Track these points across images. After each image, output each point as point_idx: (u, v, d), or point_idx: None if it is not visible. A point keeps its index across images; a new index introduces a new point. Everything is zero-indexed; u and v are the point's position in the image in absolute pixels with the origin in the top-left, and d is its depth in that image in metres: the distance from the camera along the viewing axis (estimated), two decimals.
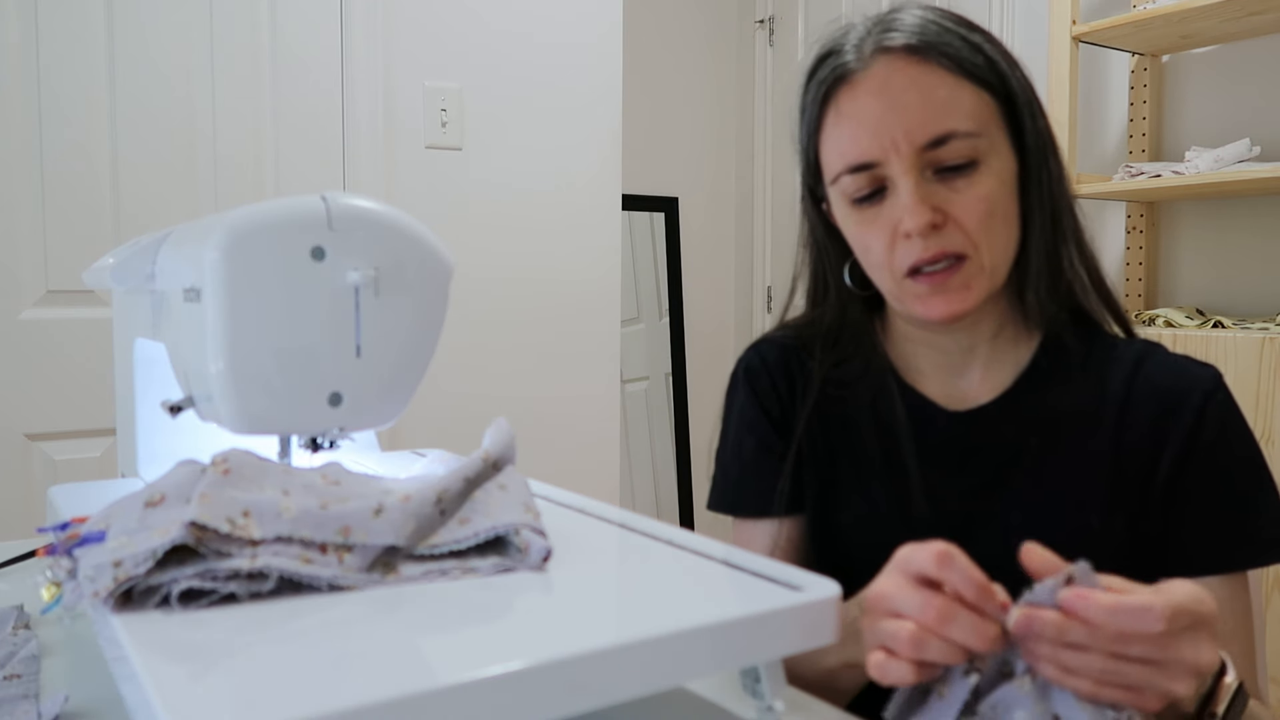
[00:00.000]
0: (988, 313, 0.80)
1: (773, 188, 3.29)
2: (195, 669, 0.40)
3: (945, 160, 0.73)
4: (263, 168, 1.84)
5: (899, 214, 0.73)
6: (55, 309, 1.66)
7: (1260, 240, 2.06)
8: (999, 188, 0.74)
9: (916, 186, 0.72)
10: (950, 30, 0.75)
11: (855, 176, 0.75)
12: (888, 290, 0.79)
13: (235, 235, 0.59)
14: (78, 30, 1.66)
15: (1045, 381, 0.80)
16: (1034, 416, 0.79)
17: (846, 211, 0.78)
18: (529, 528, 0.55)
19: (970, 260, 0.74)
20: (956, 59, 0.74)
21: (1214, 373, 0.78)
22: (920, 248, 0.73)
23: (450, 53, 2.00)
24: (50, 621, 0.71)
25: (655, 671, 0.44)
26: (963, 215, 0.73)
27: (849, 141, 0.75)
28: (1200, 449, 0.76)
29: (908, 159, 0.72)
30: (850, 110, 0.75)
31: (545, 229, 2.13)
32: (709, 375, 3.35)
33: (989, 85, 0.75)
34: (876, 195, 0.75)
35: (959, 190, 0.73)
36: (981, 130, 0.73)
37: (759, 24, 3.30)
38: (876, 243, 0.76)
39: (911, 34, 0.74)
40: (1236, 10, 1.84)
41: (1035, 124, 0.77)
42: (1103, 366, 0.80)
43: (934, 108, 0.72)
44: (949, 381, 0.83)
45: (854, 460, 0.83)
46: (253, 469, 0.55)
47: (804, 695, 0.64)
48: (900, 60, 0.74)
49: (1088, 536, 0.76)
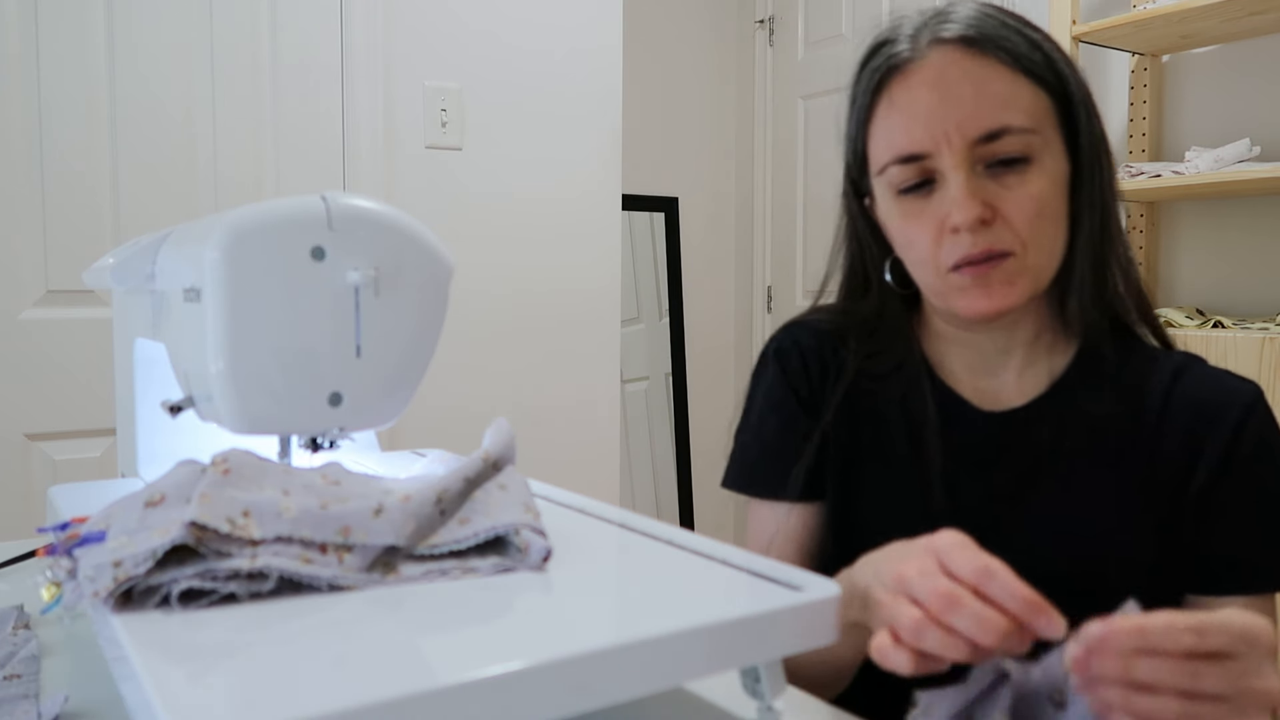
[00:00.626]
0: (1027, 315, 0.79)
1: (773, 188, 3.28)
2: (195, 669, 0.40)
3: (998, 155, 0.71)
4: (263, 168, 1.83)
5: (947, 207, 0.72)
6: (55, 309, 1.66)
7: (1260, 240, 2.06)
8: (1050, 187, 0.73)
9: (967, 180, 0.71)
10: (1009, 25, 0.74)
11: (904, 167, 0.74)
12: (929, 286, 0.77)
13: (235, 235, 0.59)
14: (78, 31, 1.66)
15: (1080, 388, 0.78)
16: (1067, 422, 0.78)
17: (891, 204, 0.77)
18: (529, 528, 0.55)
19: (1016, 258, 0.72)
20: (1014, 54, 0.72)
21: (1254, 388, 0.77)
22: (968, 243, 0.71)
23: (450, 53, 2.00)
24: (50, 621, 0.71)
25: (655, 671, 0.44)
26: (1012, 212, 0.71)
27: (900, 131, 0.73)
28: (1236, 464, 0.74)
29: (959, 152, 0.71)
30: (903, 100, 0.73)
31: (545, 229, 2.13)
32: (709, 375, 3.35)
33: (1046, 83, 0.73)
34: (924, 187, 0.74)
35: (1010, 187, 0.72)
36: (1036, 127, 0.72)
37: (759, 24, 3.30)
38: (922, 236, 0.74)
39: (969, 26, 0.73)
40: (1236, 10, 1.84)
41: (1091, 126, 0.75)
42: (1140, 377, 0.78)
43: (989, 101, 0.71)
44: (982, 382, 0.81)
45: (880, 453, 0.82)
46: (253, 469, 0.55)
47: (804, 695, 0.64)
48: (957, 52, 0.72)
49: (1115, 545, 0.75)
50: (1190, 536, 0.75)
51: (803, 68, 3.16)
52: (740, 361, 3.40)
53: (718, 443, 3.37)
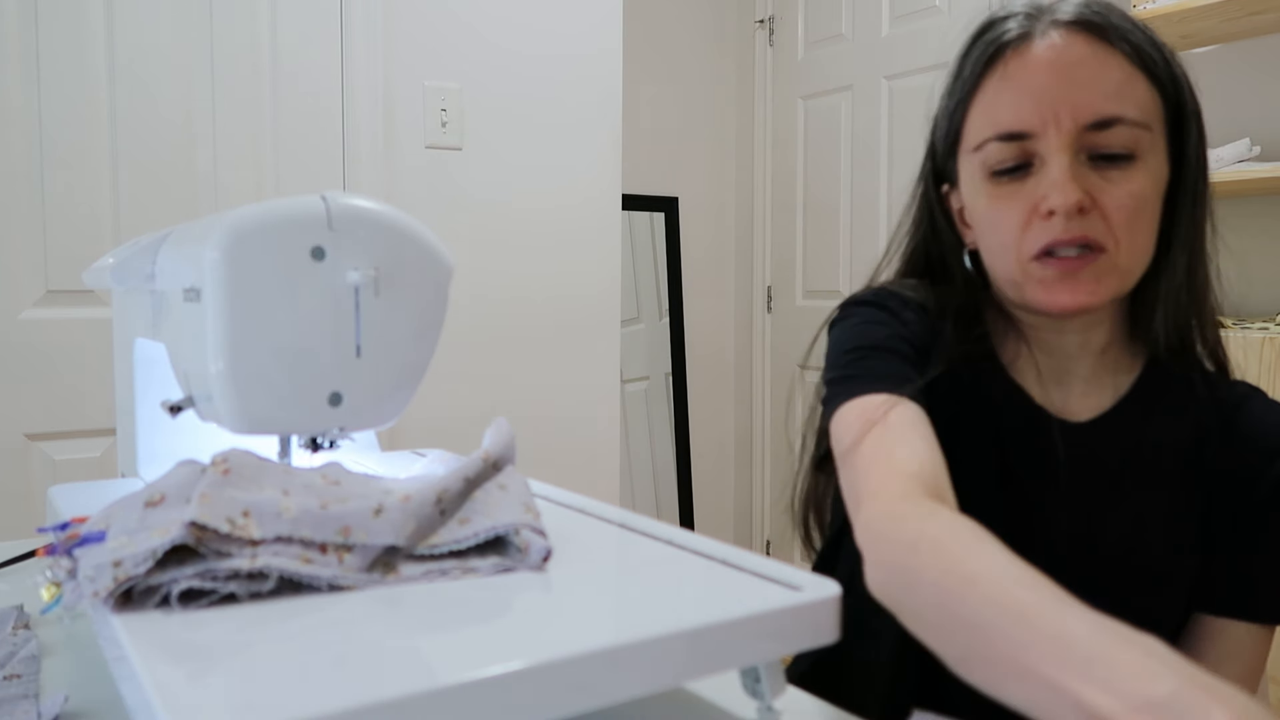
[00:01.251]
0: (1103, 321, 0.77)
1: (773, 188, 3.28)
2: (195, 669, 0.40)
3: (1104, 146, 0.69)
4: (263, 168, 1.84)
5: (1044, 190, 0.69)
6: (55, 309, 1.66)
7: (1260, 240, 2.06)
8: (1151, 189, 0.70)
9: (1071, 165, 0.69)
10: (1129, 20, 0.72)
11: (1004, 145, 0.71)
12: (1007, 275, 0.74)
13: (235, 235, 0.59)
14: (78, 31, 1.66)
15: (1147, 409, 0.77)
16: (1133, 443, 0.77)
17: (980, 185, 0.74)
18: (529, 528, 0.55)
19: (1107, 254, 0.69)
20: (1136, 47, 0.70)
21: None
22: (1060, 228, 0.69)
23: (450, 53, 2.00)
24: (50, 621, 0.71)
25: (655, 671, 0.44)
26: (1111, 206, 0.69)
27: (1008, 107, 0.71)
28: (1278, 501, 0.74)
29: (1068, 134, 0.69)
30: (1018, 74, 0.71)
31: (545, 229, 2.13)
32: (709, 375, 3.35)
33: (1162, 85, 0.71)
34: (1019, 171, 0.71)
35: (1112, 180, 0.69)
36: (1148, 124, 0.70)
37: (759, 24, 3.30)
38: (1009, 220, 0.72)
39: (1093, 13, 0.71)
40: (1236, 10, 1.84)
41: (1200, 139, 0.74)
42: (1203, 404, 0.77)
43: (1106, 88, 0.69)
44: (1050, 390, 0.79)
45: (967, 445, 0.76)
46: (253, 469, 0.55)
47: (804, 695, 0.64)
48: (1079, 35, 0.70)
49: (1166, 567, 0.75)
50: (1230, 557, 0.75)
51: (803, 68, 3.16)
52: (740, 361, 3.40)
53: (718, 443, 3.38)
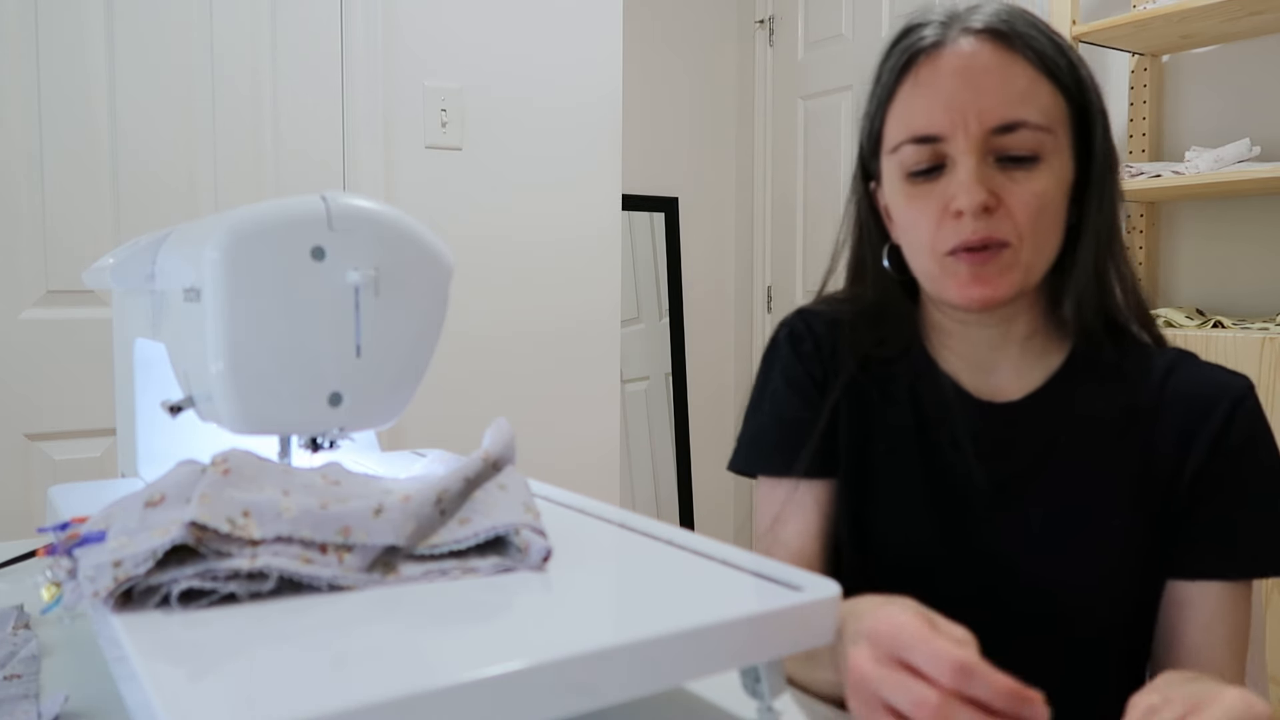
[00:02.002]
0: (1022, 313, 0.81)
1: (773, 188, 3.28)
2: (195, 669, 0.40)
3: (1010, 149, 0.73)
4: (263, 168, 1.84)
5: (953, 190, 0.74)
6: (55, 309, 1.66)
7: (1260, 240, 2.06)
8: (1055, 188, 0.75)
9: (977, 167, 0.73)
10: (1037, 27, 0.76)
11: (917, 148, 0.75)
12: (925, 271, 0.78)
13: (235, 235, 0.59)
14: (78, 30, 1.66)
15: (1076, 384, 0.80)
16: (1063, 417, 0.79)
17: (898, 185, 0.78)
18: (529, 528, 0.55)
19: (1012, 249, 0.74)
20: (1040, 54, 0.74)
21: (1244, 381, 0.78)
22: (969, 229, 0.73)
23: (450, 53, 2.00)
24: (50, 621, 0.71)
25: (655, 671, 0.44)
26: (1016, 206, 0.73)
27: (920, 111, 0.75)
28: (1223, 454, 0.76)
29: (975, 138, 0.73)
30: (929, 81, 0.75)
31: (545, 229, 2.13)
32: (709, 375, 3.35)
33: (1066, 88, 0.75)
34: (933, 172, 0.76)
35: (1017, 181, 0.73)
36: (1051, 127, 0.74)
37: (759, 24, 3.30)
38: (924, 219, 0.76)
39: (1001, 21, 0.75)
40: (1236, 10, 1.84)
41: (1105, 136, 0.78)
42: (1134, 374, 0.80)
43: (1011, 94, 0.73)
44: (978, 376, 0.83)
45: (888, 436, 0.84)
46: (253, 469, 0.55)
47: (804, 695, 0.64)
48: (986, 43, 0.74)
49: (1109, 539, 0.76)
50: (1179, 525, 0.77)
51: (803, 68, 3.16)
52: (740, 361, 3.40)
53: (718, 443, 3.37)
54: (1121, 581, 0.77)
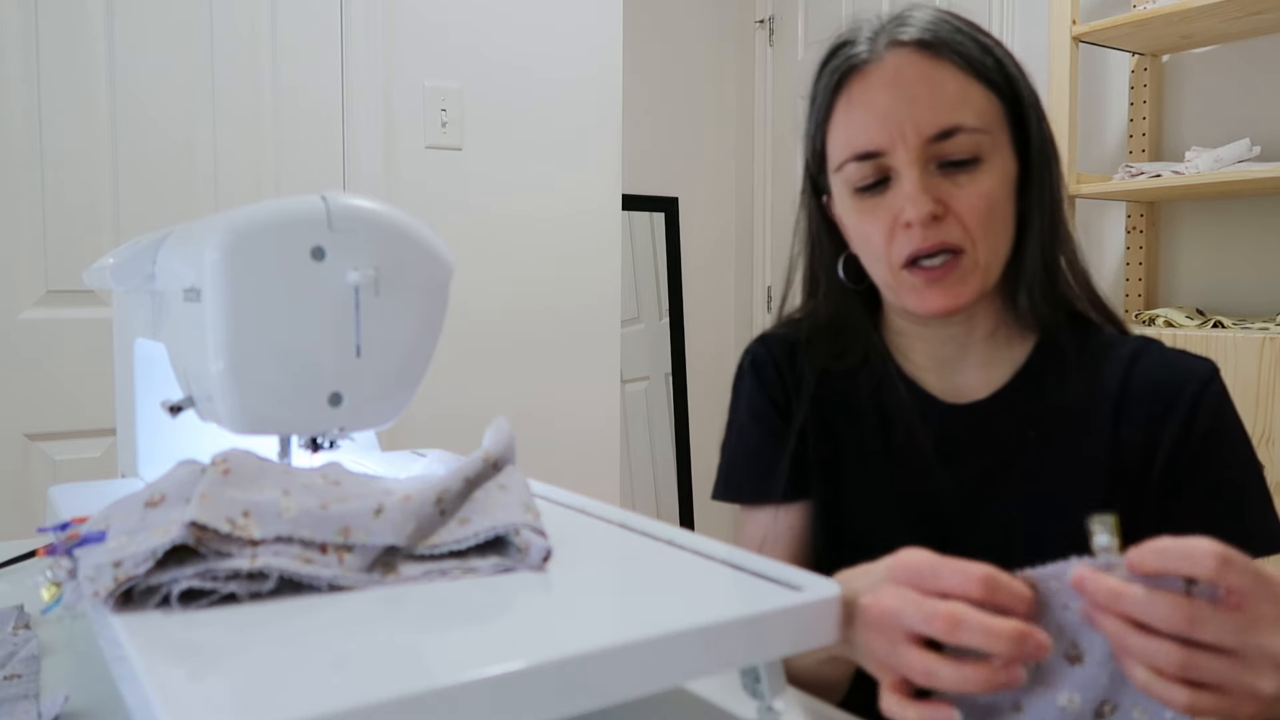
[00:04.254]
0: (982, 312, 0.81)
1: (773, 188, 3.29)
2: (195, 669, 0.40)
3: (950, 154, 0.74)
4: (263, 168, 1.83)
5: (901, 203, 0.74)
6: (55, 309, 1.66)
7: (1260, 240, 2.06)
8: (1000, 187, 0.75)
9: (921, 177, 0.74)
10: (962, 31, 0.77)
11: (861, 164, 0.76)
12: (883, 282, 0.80)
13: (235, 235, 0.59)
14: (78, 31, 1.66)
15: (1042, 379, 0.81)
16: (1030, 413, 0.80)
17: (848, 201, 0.79)
18: (529, 528, 0.55)
19: (966, 255, 0.75)
20: (967, 58, 0.75)
21: (1210, 365, 0.79)
22: (919, 238, 0.74)
23: (450, 53, 2.00)
24: (50, 621, 0.71)
25: (655, 671, 0.44)
26: (963, 210, 0.74)
27: (858, 129, 0.76)
28: (1193, 440, 0.76)
29: (914, 149, 0.74)
30: (861, 99, 0.76)
31: (545, 229, 2.13)
32: (709, 375, 3.35)
33: (996, 87, 0.76)
34: (879, 186, 0.76)
35: (961, 185, 0.74)
36: (987, 128, 0.75)
37: (759, 24, 3.30)
38: (876, 232, 0.77)
39: (925, 30, 0.76)
40: (1236, 10, 1.84)
41: (1040, 129, 0.79)
42: (1099, 364, 0.80)
43: (943, 101, 0.74)
44: (945, 377, 0.84)
45: (857, 449, 0.85)
46: (253, 469, 0.55)
47: (804, 695, 0.64)
48: (913, 54, 0.75)
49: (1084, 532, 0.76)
50: (1154, 516, 0.77)
51: (803, 68, 3.16)
52: None
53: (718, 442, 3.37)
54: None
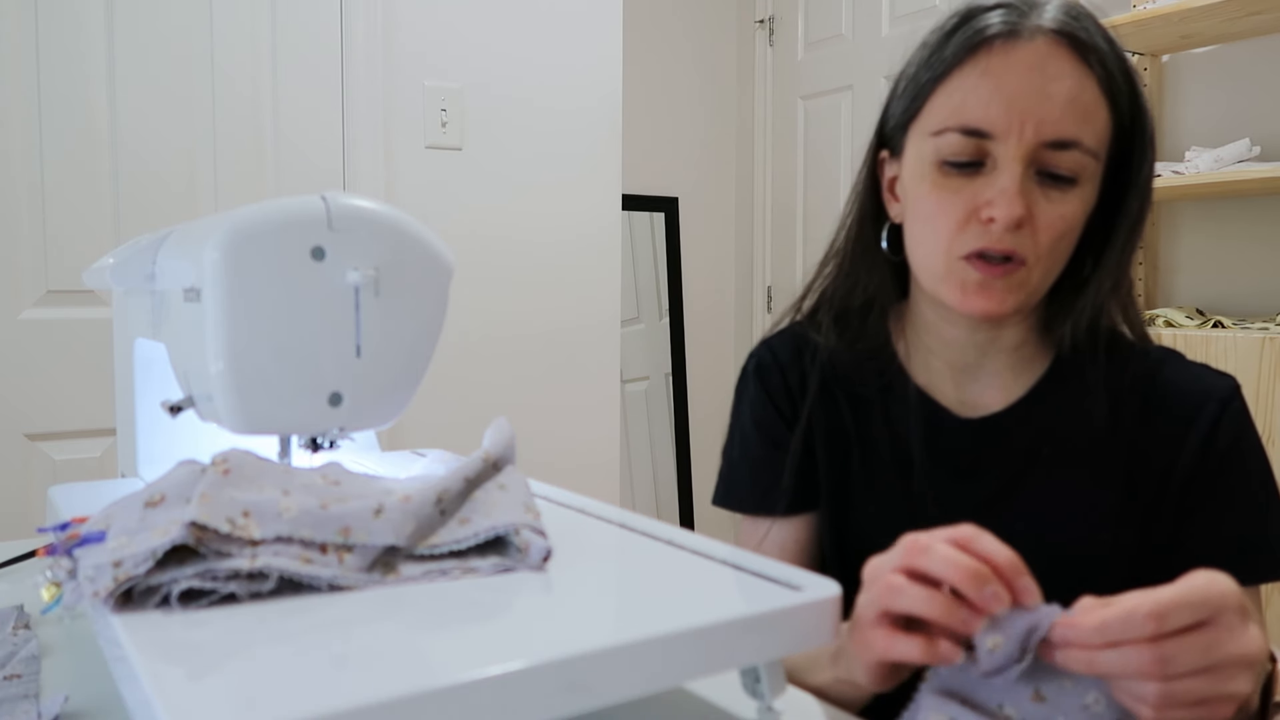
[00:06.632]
0: (1012, 325, 0.79)
1: (773, 188, 3.28)
2: (195, 669, 0.40)
3: (1055, 166, 0.70)
4: (262, 168, 1.83)
5: (991, 195, 0.69)
6: (55, 309, 1.66)
7: (1260, 240, 2.06)
8: (1080, 214, 0.72)
9: (1022, 177, 0.69)
10: (1105, 35, 0.72)
11: (964, 139, 0.70)
12: (929, 267, 0.75)
13: (235, 235, 0.59)
14: (78, 31, 1.66)
15: (1059, 392, 0.78)
16: (1046, 426, 0.77)
17: (926, 169, 0.73)
18: (529, 528, 0.55)
19: (1026, 268, 0.71)
20: (1109, 73, 0.71)
21: (1231, 382, 0.76)
22: (995, 237, 0.70)
23: (450, 53, 2.00)
24: (50, 621, 0.71)
25: (655, 671, 0.44)
26: (1042, 225, 0.70)
27: (978, 102, 0.70)
28: (1213, 458, 0.74)
29: (1028, 146, 0.69)
30: (999, 71, 0.69)
31: (545, 229, 2.13)
32: (709, 375, 3.35)
33: (1120, 113, 0.72)
34: (971, 166, 0.71)
35: (1051, 200, 0.70)
36: (1097, 153, 0.71)
37: (759, 24, 3.30)
38: (948, 214, 0.72)
39: (1075, 22, 0.70)
40: (1236, 10, 1.84)
41: (1149, 172, 0.74)
42: (1119, 377, 0.77)
43: (1074, 110, 0.69)
44: (961, 386, 0.81)
45: (866, 462, 0.82)
46: (253, 469, 0.55)
47: (804, 695, 0.64)
48: (1063, 48, 0.69)
49: (1098, 547, 0.75)
50: (1171, 532, 0.75)
51: (803, 68, 3.16)
52: (740, 361, 3.39)
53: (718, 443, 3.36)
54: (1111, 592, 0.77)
